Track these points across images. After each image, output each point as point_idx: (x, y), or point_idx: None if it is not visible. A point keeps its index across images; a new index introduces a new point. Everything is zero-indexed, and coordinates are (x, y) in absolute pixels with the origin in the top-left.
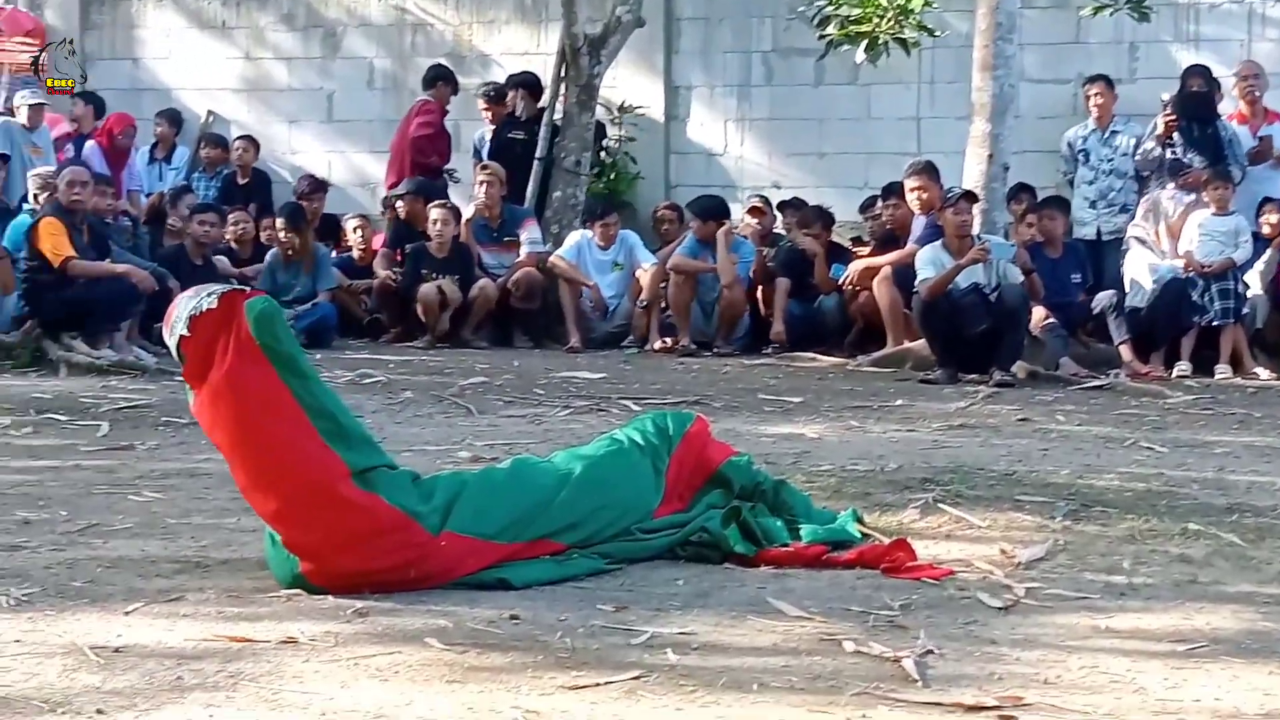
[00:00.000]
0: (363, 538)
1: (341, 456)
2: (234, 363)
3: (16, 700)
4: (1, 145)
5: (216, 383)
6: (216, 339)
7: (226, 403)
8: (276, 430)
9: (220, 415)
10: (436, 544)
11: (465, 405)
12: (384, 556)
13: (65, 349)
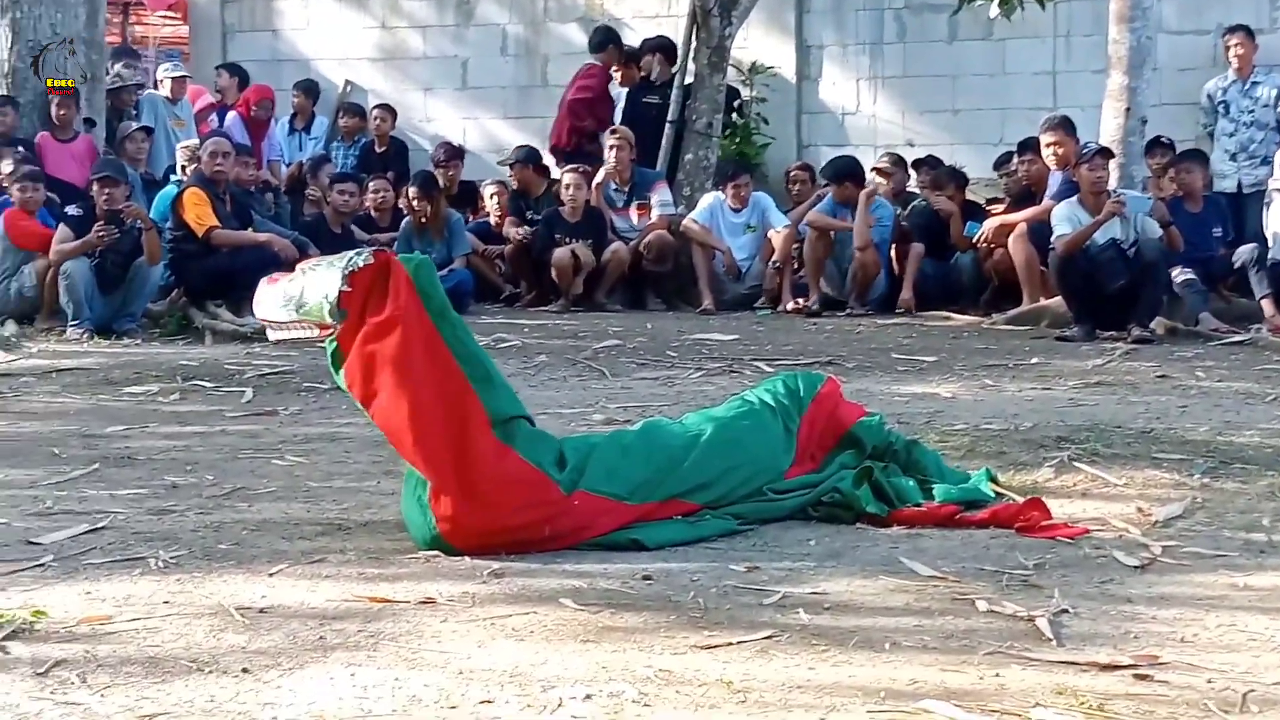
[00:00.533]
0: (497, 490)
1: (485, 404)
2: (394, 308)
3: (166, 660)
4: (146, 118)
5: (376, 328)
6: (372, 292)
7: (385, 347)
8: (429, 374)
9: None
10: (570, 503)
11: (599, 368)
12: (518, 513)
13: (210, 317)
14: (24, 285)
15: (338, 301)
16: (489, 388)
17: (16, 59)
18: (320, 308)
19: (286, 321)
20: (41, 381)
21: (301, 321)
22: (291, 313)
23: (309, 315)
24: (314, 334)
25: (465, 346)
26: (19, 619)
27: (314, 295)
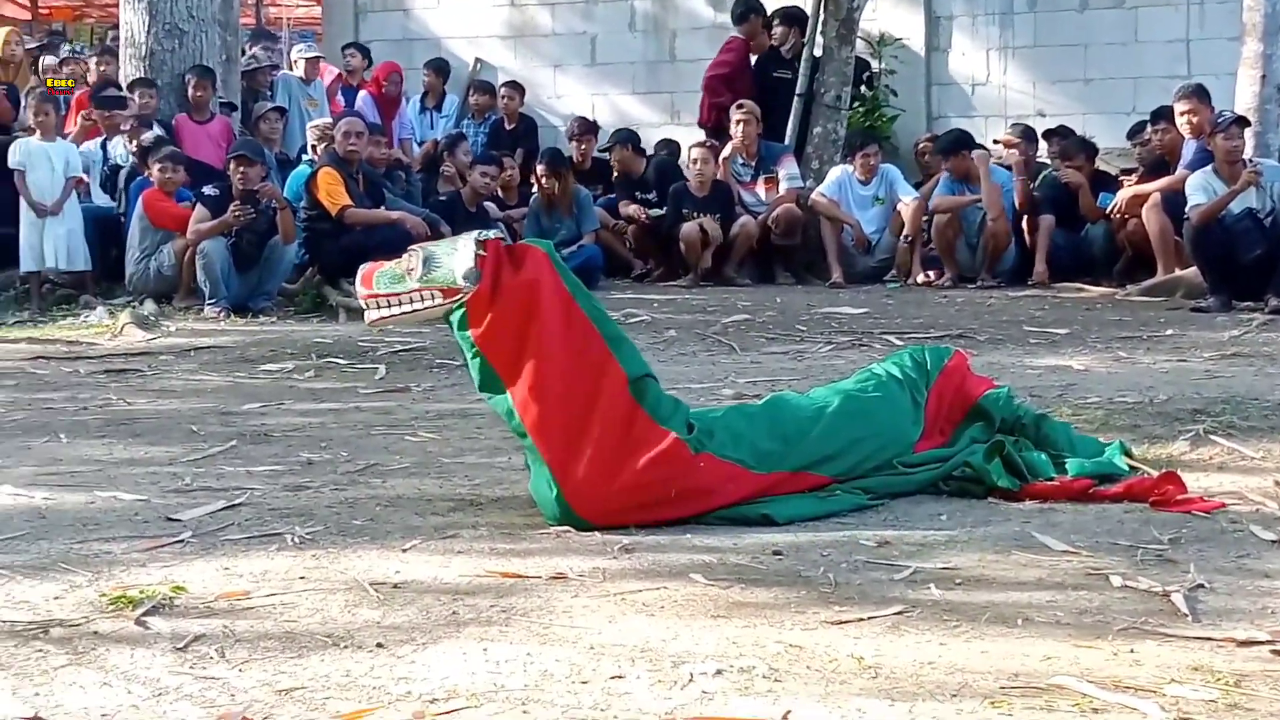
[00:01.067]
0: (628, 448)
1: (620, 362)
2: (528, 270)
3: (302, 635)
4: (280, 99)
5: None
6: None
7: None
8: (567, 333)
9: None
10: (696, 463)
11: (728, 343)
12: (645, 470)
13: (344, 294)
14: (163, 265)
15: (475, 264)
16: (622, 347)
17: (154, 41)
18: (451, 274)
19: (402, 293)
20: (180, 360)
21: (424, 290)
22: (410, 284)
23: (435, 282)
24: (435, 301)
25: (597, 308)
26: (159, 594)
27: (443, 263)
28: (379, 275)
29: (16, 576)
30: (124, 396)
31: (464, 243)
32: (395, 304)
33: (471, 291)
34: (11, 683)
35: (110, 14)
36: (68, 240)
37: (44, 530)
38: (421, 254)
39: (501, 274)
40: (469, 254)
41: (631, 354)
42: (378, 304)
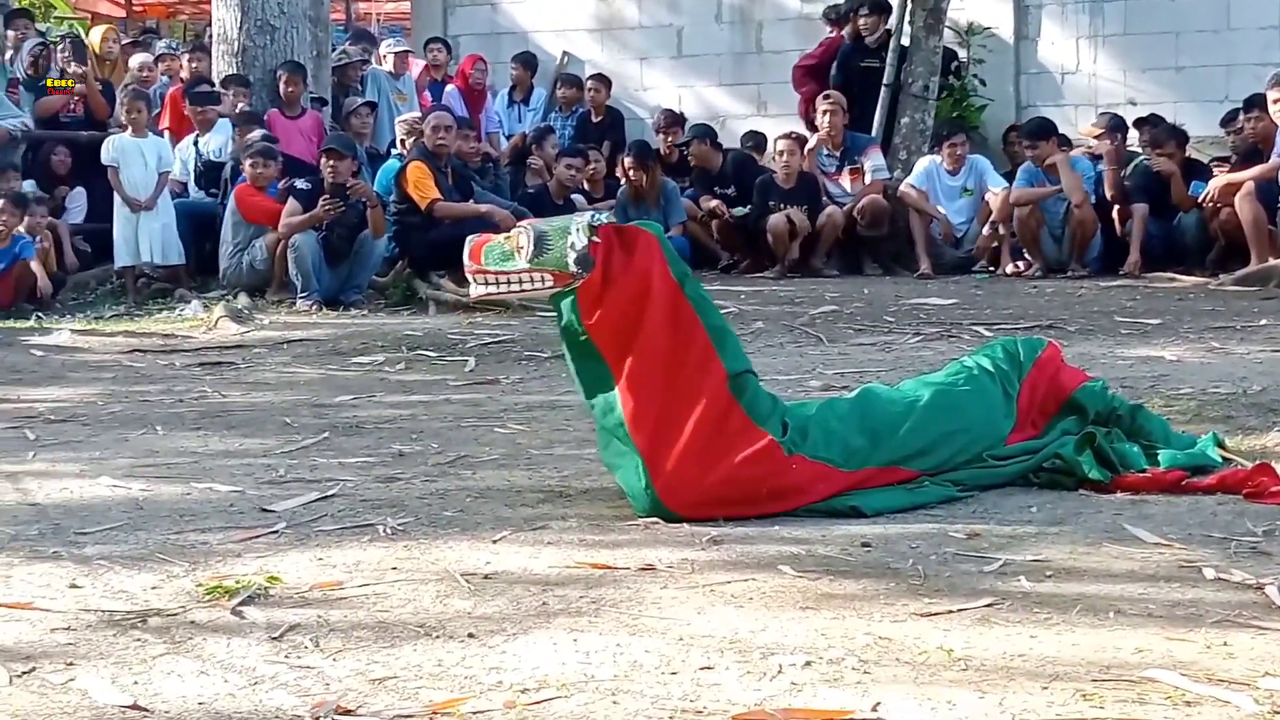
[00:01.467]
0: (723, 445)
1: (721, 356)
2: (640, 257)
3: (394, 625)
4: (370, 93)
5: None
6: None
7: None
8: (673, 326)
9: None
10: (789, 464)
11: (815, 334)
12: (738, 468)
13: (433, 287)
14: (255, 259)
15: (588, 250)
16: (724, 342)
17: (246, 38)
18: (563, 257)
19: (510, 272)
20: (273, 352)
21: (533, 272)
22: (520, 264)
23: (546, 265)
24: (545, 284)
25: (703, 297)
26: (255, 584)
27: (554, 245)
28: (488, 250)
29: (115, 567)
30: (219, 389)
31: (576, 225)
32: (503, 282)
33: (583, 279)
34: (111, 671)
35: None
36: (161, 235)
37: (142, 521)
38: (532, 232)
39: (613, 261)
40: (583, 239)
41: (734, 348)
42: (485, 280)
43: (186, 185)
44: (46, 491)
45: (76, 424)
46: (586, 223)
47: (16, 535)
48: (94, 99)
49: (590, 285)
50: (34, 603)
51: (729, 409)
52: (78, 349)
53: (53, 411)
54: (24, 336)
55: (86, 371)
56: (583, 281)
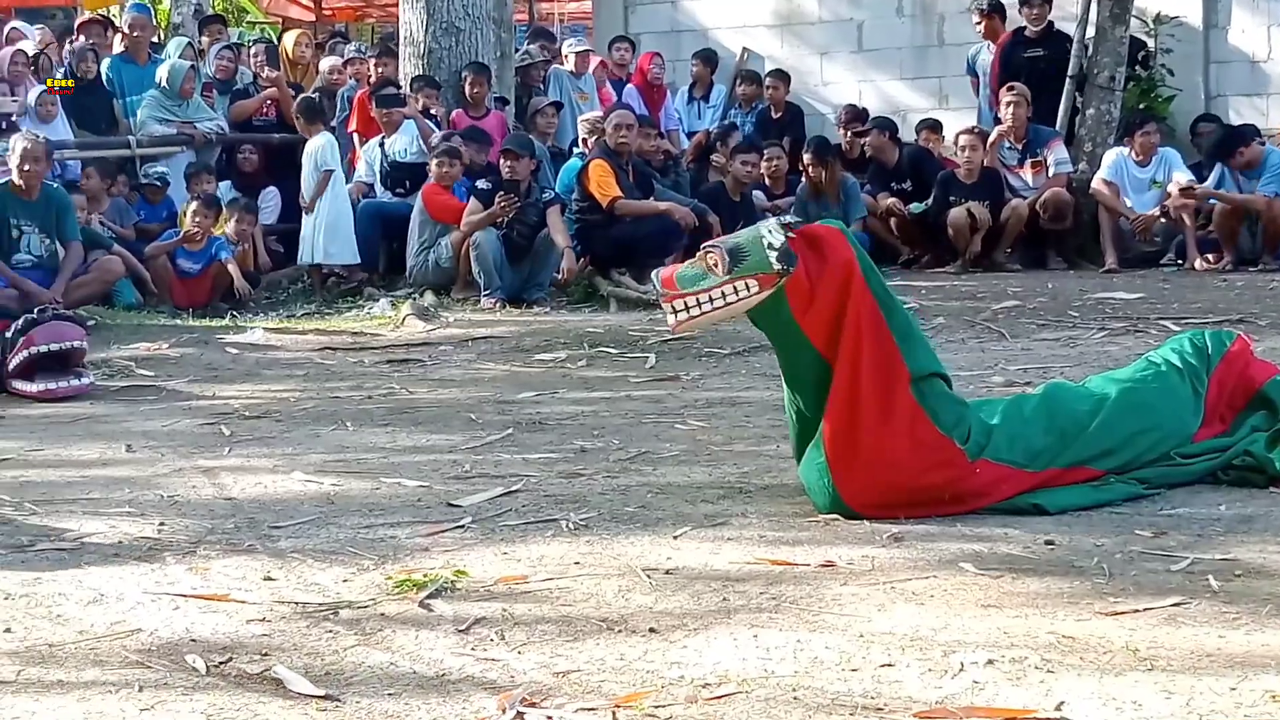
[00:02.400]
0: (906, 450)
1: (905, 358)
2: (834, 250)
3: (578, 619)
4: (552, 93)
5: (838, 267)
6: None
7: (844, 287)
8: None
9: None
10: (972, 469)
11: (998, 329)
12: (921, 475)
13: (614, 284)
14: (441, 257)
15: (787, 245)
16: (910, 343)
17: (432, 40)
18: (765, 259)
19: (710, 288)
20: (458, 350)
21: (735, 281)
22: (717, 279)
23: (748, 271)
24: (751, 291)
25: (892, 299)
26: (442, 578)
27: (751, 251)
28: (680, 276)
29: (308, 560)
30: (406, 386)
31: (768, 228)
32: (705, 301)
33: (790, 275)
34: (304, 662)
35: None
36: (328, 234)
37: (333, 515)
38: (723, 249)
39: (808, 259)
40: (779, 237)
41: (918, 350)
42: (685, 305)
43: (373, 186)
44: (242, 486)
45: (270, 420)
46: (778, 222)
47: (213, 529)
48: (286, 103)
49: (796, 280)
50: (230, 595)
51: (913, 415)
52: (271, 347)
53: (247, 408)
54: (220, 335)
55: (279, 369)
56: (790, 277)
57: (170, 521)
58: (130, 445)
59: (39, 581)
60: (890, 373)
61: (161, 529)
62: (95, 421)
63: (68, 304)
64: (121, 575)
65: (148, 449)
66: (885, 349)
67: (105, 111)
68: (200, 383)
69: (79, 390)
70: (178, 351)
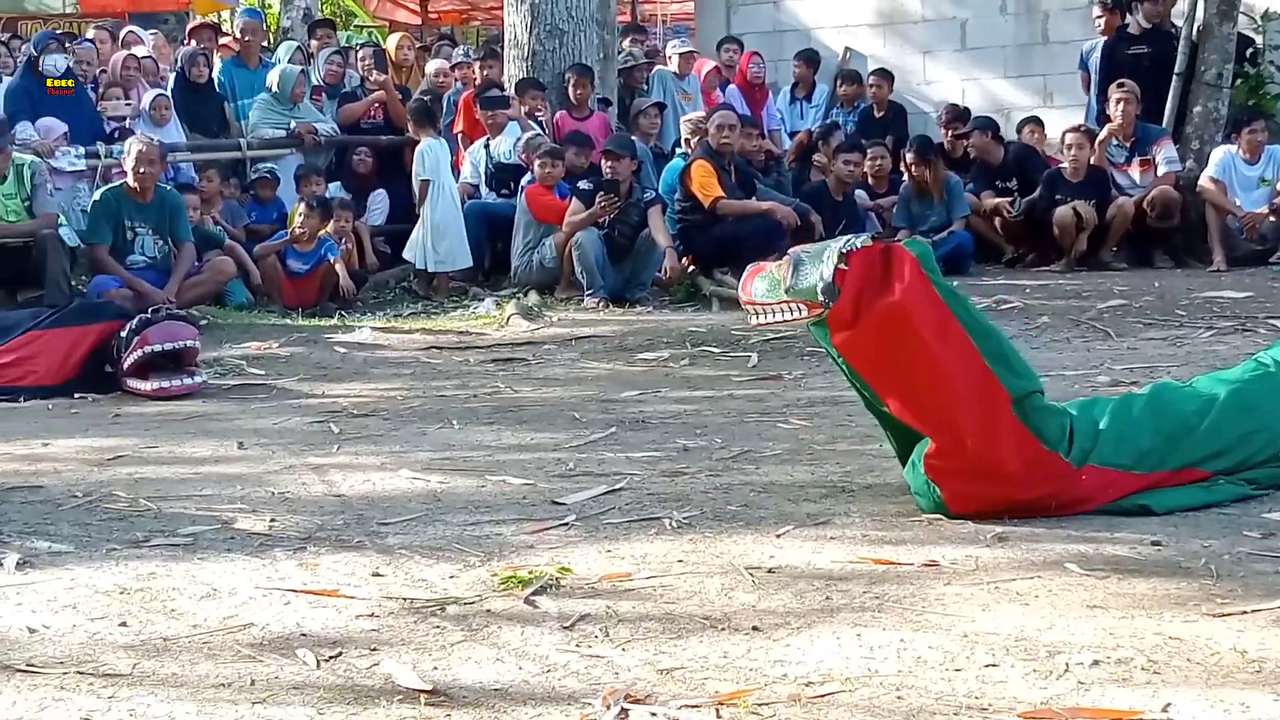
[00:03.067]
0: (1011, 469)
1: (1003, 382)
2: (904, 290)
3: (681, 616)
4: (655, 93)
5: (886, 309)
6: (874, 272)
7: (895, 329)
8: (942, 353)
9: (885, 342)
10: (1078, 477)
11: (1103, 329)
12: (1027, 489)
13: (716, 284)
14: (544, 257)
15: (832, 280)
16: (1006, 365)
17: (536, 42)
18: (814, 288)
19: (773, 303)
20: (562, 349)
21: (790, 302)
22: (780, 294)
23: (801, 295)
24: (801, 314)
25: (979, 323)
26: (547, 575)
27: (808, 278)
28: (759, 280)
29: (415, 556)
30: (510, 385)
31: (829, 254)
32: (768, 313)
33: (829, 310)
34: (412, 657)
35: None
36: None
37: (439, 512)
38: (793, 260)
39: (866, 287)
40: (829, 269)
41: (1017, 371)
42: (757, 312)
43: (478, 187)
44: (350, 483)
45: (378, 418)
46: (838, 249)
47: (323, 525)
48: (393, 105)
49: (838, 312)
50: (340, 590)
51: (1018, 436)
52: (378, 346)
53: (355, 406)
54: (328, 334)
55: (386, 368)
56: (829, 311)
57: (281, 518)
58: (242, 442)
59: (154, 576)
60: (985, 394)
61: (272, 525)
62: (207, 419)
63: (180, 304)
64: (234, 570)
65: (259, 446)
66: (977, 371)
67: (217, 114)
68: (309, 381)
69: (192, 389)
70: (287, 350)
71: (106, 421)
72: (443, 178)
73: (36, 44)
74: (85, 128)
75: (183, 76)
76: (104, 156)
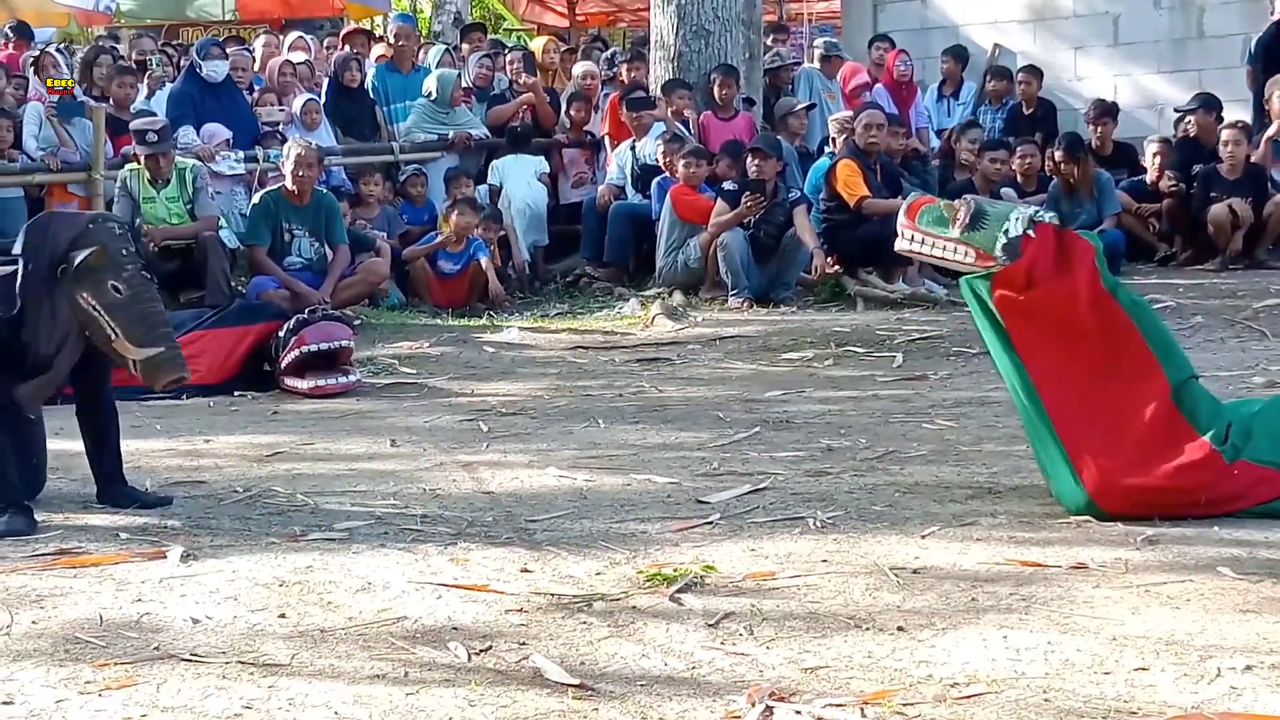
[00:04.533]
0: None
1: (1164, 369)
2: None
3: (825, 616)
4: (801, 93)
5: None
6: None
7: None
8: (1106, 332)
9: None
10: (1230, 471)
11: (1259, 329)
12: (1176, 476)
13: (861, 284)
14: (689, 257)
15: (1019, 242)
16: (1168, 353)
17: (682, 43)
18: (993, 240)
19: (938, 236)
20: (706, 349)
21: (960, 244)
22: (950, 232)
23: (973, 241)
24: (967, 259)
25: (1142, 308)
26: (691, 573)
27: (989, 226)
28: (925, 210)
29: (562, 553)
30: (655, 384)
31: (1017, 215)
32: (928, 244)
33: (1003, 266)
34: (560, 652)
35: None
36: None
37: (585, 510)
38: (973, 206)
39: (1041, 260)
40: (1018, 229)
41: (1177, 357)
42: (912, 236)
43: (624, 188)
44: (499, 480)
45: (525, 417)
46: (1028, 215)
47: (473, 521)
48: (542, 108)
49: (1011, 272)
50: (490, 585)
51: (1170, 418)
52: (525, 346)
53: (504, 405)
54: (477, 334)
55: (534, 367)
56: (1002, 269)
57: (432, 514)
58: (394, 440)
59: (311, 569)
60: (1146, 380)
61: (424, 521)
62: (362, 417)
63: (335, 304)
64: (387, 564)
65: (410, 444)
66: (1138, 357)
67: (368, 118)
68: (459, 380)
69: (346, 387)
70: (438, 350)
71: (265, 419)
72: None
73: (199, 50)
74: (243, 130)
75: (336, 81)
76: (261, 160)
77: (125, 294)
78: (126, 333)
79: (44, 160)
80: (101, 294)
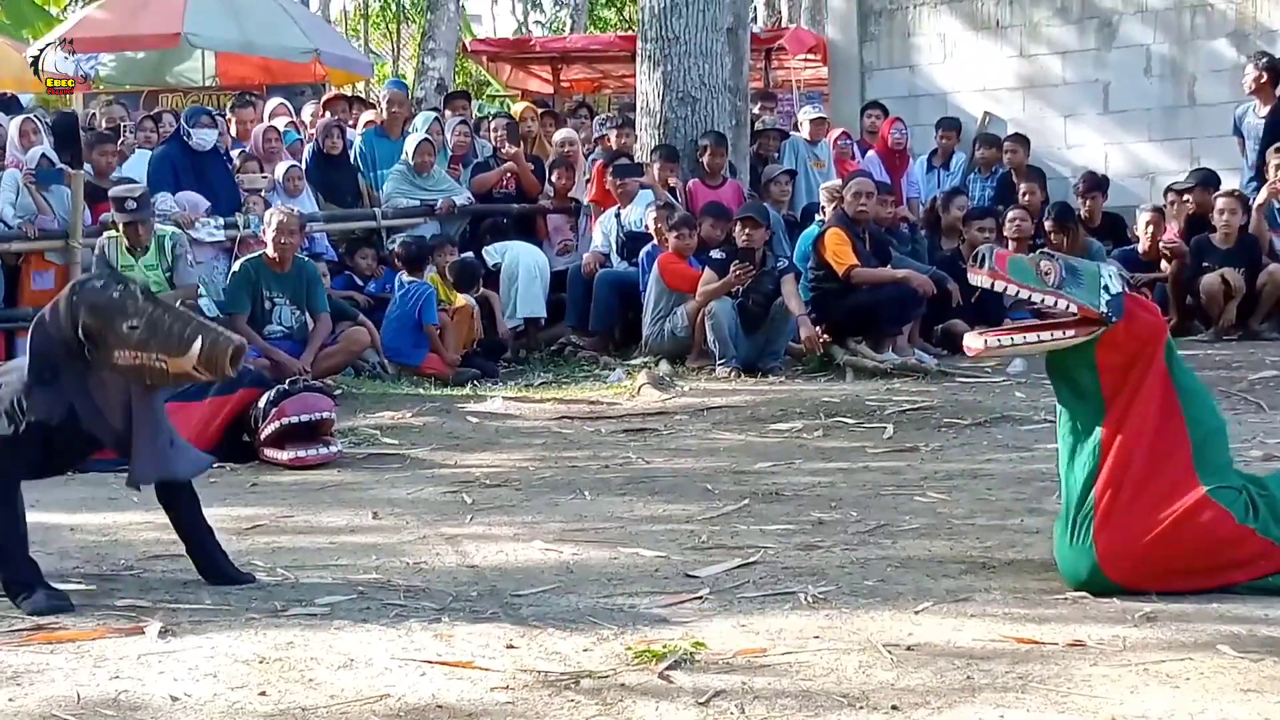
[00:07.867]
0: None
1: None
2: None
3: (818, 694)
4: (787, 161)
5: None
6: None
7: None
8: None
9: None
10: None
11: (1255, 400)
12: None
13: (851, 353)
14: (676, 326)
15: (1122, 297)
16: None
17: (668, 110)
18: (1096, 296)
19: (1035, 289)
20: (694, 419)
21: (1062, 297)
22: (1047, 284)
23: (1075, 296)
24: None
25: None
26: (681, 649)
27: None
28: (1013, 260)
29: (549, 628)
30: (642, 455)
31: (1109, 273)
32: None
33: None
34: None
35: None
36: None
37: (572, 584)
38: (1060, 262)
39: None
40: (1118, 285)
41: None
42: (1007, 286)
43: (609, 256)
44: (484, 554)
45: (510, 488)
46: (1116, 271)
47: (458, 596)
48: (525, 176)
49: (1116, 333)
50: (474, 661)
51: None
52: (510, 415)
53: (488, 476)
54: (460, 403)
55: (518, 437)
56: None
57: (416, 588)
58: (376, 512)
59: (291, 645)
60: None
61: (407, 595)
62: (343, 489)
63: (316, 374)
64: (370, 640)
65: (393, 516)
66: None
67: (351, 185)
68: (442, 451)
69: (327, 458)
70: (420, 420)
71: (245, 490)
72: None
73: (188, 118)
74: (226, 197)
75: (318, 148)
76: (241, 227)
77: (142, 325)
78: (168, 353)
79: (21, 228)
80: (125, 340)
